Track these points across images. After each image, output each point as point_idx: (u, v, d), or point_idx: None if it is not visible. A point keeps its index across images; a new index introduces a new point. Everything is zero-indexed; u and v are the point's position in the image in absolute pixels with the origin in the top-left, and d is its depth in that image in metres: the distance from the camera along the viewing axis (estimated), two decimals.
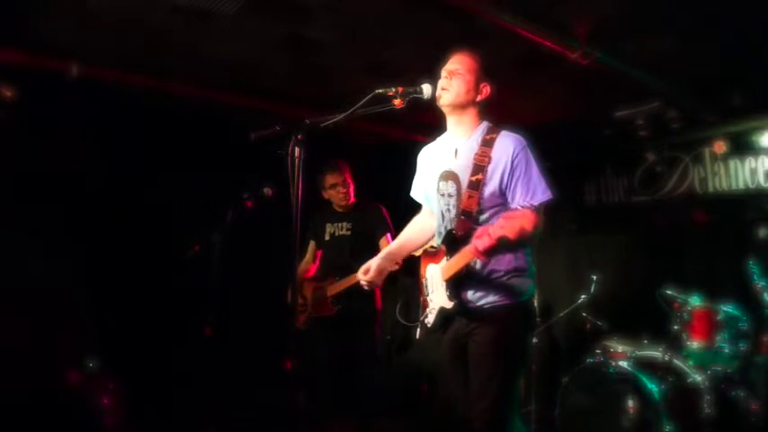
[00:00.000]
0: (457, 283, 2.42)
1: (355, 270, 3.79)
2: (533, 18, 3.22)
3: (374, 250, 3.95)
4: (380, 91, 2.30)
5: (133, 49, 3.73)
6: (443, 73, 2.52)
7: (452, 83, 2.48)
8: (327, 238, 4.03)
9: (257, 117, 4.52)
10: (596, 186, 5.51)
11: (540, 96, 4.60)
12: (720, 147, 4.64)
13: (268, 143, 2.33)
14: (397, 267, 3.58)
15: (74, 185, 4.11)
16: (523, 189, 2.37)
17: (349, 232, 3.98)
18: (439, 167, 2.57)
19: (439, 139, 2.68)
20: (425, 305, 2.58)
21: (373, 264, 2.66)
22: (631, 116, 4.82)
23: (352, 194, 4.03)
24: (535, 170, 2.39)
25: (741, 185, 4.57)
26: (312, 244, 4.15)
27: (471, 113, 2.52)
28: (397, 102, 2.32)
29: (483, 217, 2.41)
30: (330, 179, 3.99)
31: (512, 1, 3.08)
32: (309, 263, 4.20)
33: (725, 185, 4.66)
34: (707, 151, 4.77)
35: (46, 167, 4.03)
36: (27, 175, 3.99)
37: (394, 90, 2.32)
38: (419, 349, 5.33)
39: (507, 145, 2.41)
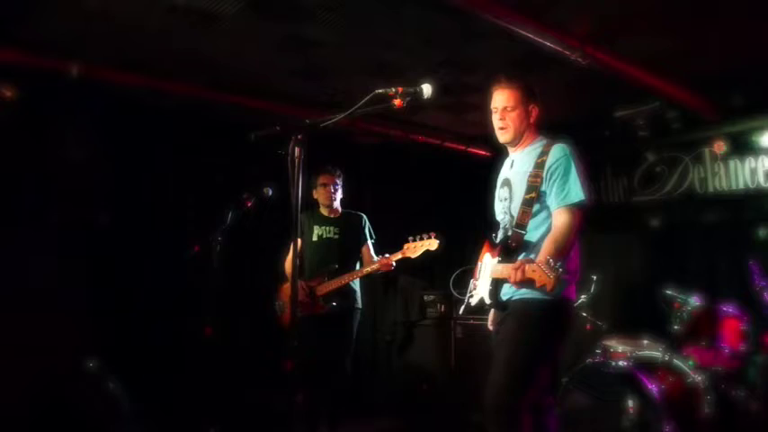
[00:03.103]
0: (499, 283, 2.59)
1: (339, 271, 3.96)
2: (533, 18, 3.22)
3: (358, 255, 4.20)
4: (380, 91, 2.31)
5: (133, 49, 3.73)
6: (495, 112, 2.68)
7: (507, 121, 2.65)
8: (315, 239, 4.15)
9: (257, 117, 4.52)
10: (596, 186, 5.49)
11: (539, 96, 4.59)
12: (720, 147, 4.64)
13: (268, 143, 2.33)
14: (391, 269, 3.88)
15: (73, 185, 4.11)
16: (558, 189, 2.52)
17: (338, 236, 4.16)
18: (500, 177, 2.82)
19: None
20: (474, 287, 2.79)
21: None
22: (631, 116, 4.82)
23: (338, 199, 4.19)
24: (573, 173, 2.52)
25: (741, 185, 4.55)
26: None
27: (528, 133, 2.70)
28: (397, 102, 2.32)
29: (531, 229, 2.56)
30: (323, 178, 4.15)
31: (512, 1, 3.08)
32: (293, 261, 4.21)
33: (725, 185, 4.65)
34: (707, 151, 4.75)
35: (46, 167, 4.03)
36: (27, 175, 3.99)
37: (394, 90, 2.32)
38: (419, 349, 5.34)
39: (551, 157, 2.56)
